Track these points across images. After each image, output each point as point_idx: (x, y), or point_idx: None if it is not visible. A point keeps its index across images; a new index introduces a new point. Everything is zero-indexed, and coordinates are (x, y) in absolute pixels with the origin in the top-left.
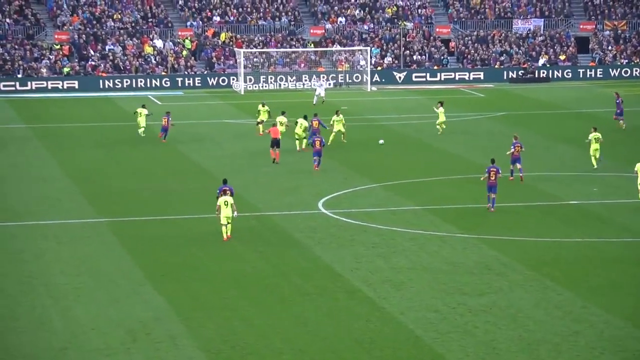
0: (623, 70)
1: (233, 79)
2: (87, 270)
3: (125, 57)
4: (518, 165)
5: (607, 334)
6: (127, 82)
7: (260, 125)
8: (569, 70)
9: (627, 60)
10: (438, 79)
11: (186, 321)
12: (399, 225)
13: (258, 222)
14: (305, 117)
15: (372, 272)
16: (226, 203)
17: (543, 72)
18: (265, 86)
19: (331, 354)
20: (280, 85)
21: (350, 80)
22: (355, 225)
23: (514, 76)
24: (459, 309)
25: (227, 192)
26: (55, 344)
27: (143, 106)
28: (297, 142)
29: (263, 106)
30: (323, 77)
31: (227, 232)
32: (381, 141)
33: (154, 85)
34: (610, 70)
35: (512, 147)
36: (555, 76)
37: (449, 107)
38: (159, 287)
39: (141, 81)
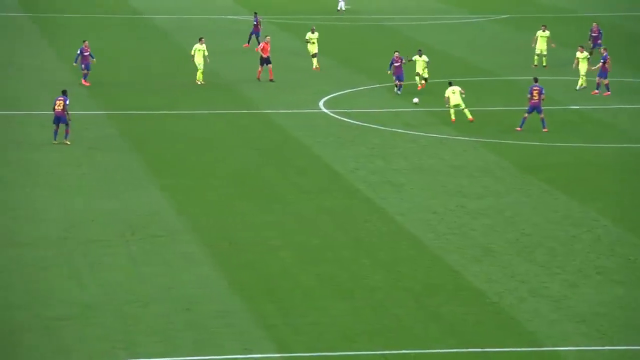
0: None
1: None
2: (87, 163)
3: None
4: (605, 81)
5: (604, 239)
6: None
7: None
8: None
9: None
10: None
11: (184, 217)
12: (399, 126)
13: (256, 120)
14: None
15: (372, 172)
16: (454, 92)
17: None
18: None
19: (329, 251)
20: None
21: None
22: (356, 126)
23: None
24: (457, 211)
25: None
26: (54, 232)
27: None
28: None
29: (312, 33)
30: None
31: (453, 116)
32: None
33: None
34: None
35: (602, 60)
36: None
37: (449, 6)
38: (159, 182)
39: None
